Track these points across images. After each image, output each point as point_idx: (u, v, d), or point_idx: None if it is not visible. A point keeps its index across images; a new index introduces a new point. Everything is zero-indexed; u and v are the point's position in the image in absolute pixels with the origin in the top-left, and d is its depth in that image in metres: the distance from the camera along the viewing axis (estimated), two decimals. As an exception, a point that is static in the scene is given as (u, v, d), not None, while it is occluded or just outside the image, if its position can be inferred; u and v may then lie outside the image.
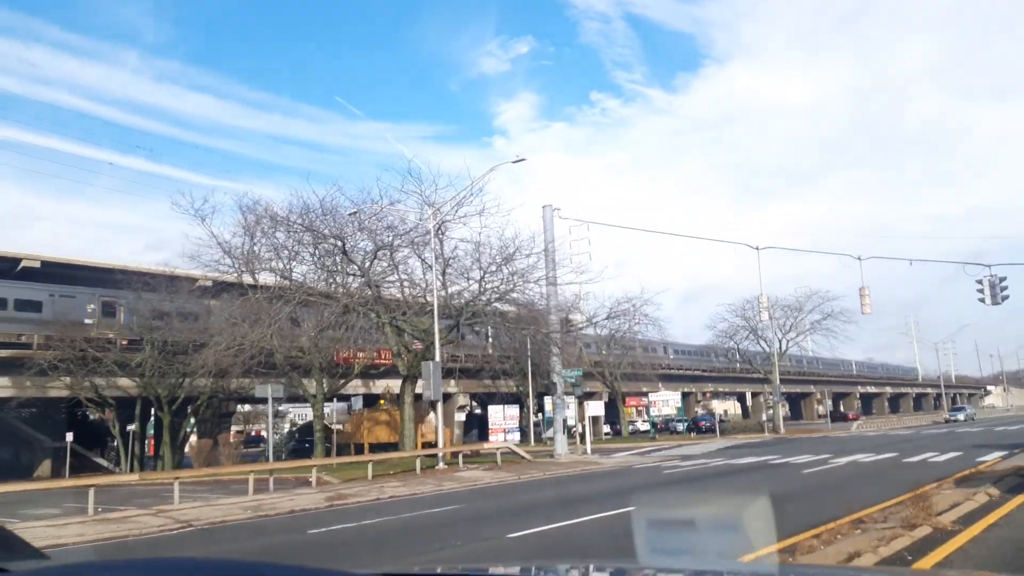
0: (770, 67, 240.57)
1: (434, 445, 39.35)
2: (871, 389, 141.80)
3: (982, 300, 36.77)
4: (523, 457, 34.79)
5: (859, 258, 36.54)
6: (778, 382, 62.39)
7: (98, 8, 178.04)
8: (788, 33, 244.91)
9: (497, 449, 35.18)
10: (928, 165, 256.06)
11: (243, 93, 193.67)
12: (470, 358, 70.92)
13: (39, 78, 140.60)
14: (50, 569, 1.82)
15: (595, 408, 66.17)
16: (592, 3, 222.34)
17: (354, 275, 32.90)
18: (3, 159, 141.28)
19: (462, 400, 72.90)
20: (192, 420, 52.02)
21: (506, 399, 68.57)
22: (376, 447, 45.37)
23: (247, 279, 36.17)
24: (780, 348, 65.74)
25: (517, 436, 67.42)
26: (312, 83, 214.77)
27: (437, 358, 31.91)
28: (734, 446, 46.76)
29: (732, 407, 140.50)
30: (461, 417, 74.48)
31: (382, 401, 59.88)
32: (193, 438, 56.76)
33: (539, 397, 67.62)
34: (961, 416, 69.30)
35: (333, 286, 32.89)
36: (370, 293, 33.22)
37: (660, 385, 68.60)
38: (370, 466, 29.97)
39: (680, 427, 68.75)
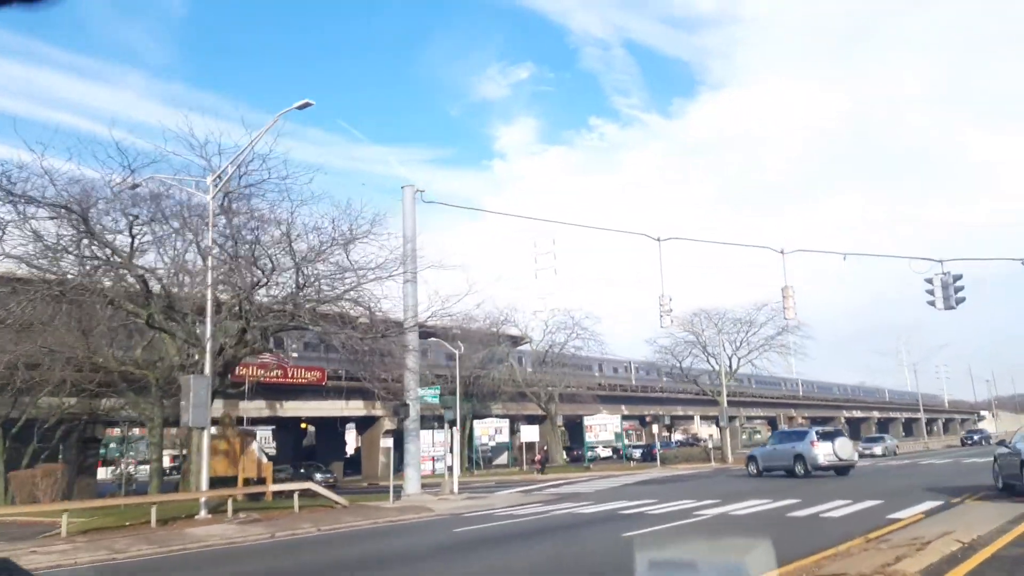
0: (764, 93, 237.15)
1: (258, 482, 31.17)
2: (856, 413, 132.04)
3: (932, 303, 28.35)
4: (335, 502, 26.30)
5: (782, 252, 28.36)
6: (726, 404, 53.58)
7: (102, 30, 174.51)
8: (782, 60, 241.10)
9: (295, 490, 26.67)
10: (922, 186, 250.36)
11: (247, 115, 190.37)
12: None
13: (46, 99, 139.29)
14: None
15: (529, 433, 57.93)
16: (592, 30, 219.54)
17: (108, 261, 24.69)
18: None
19: (388, 424, 64.42)
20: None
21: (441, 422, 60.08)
22: (215, 481, 36.71)
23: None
24: (730, 366, 57.16)
25: (446, 465, 59.05)
26: (317, 107, 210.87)
27: (207, 370, 23.58)
28: (651, 480, 38.32)
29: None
30: (388, 443, 65.94)
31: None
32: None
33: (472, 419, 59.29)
34: (877, 449, 55.62)
35: (88, 275, 24.66)
36: (136, 286, 25.01)
37: (601, 407, 60.03)
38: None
39: (636, 453, 60.12)
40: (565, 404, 62.25)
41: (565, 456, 58.71)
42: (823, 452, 32.03)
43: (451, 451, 35.33)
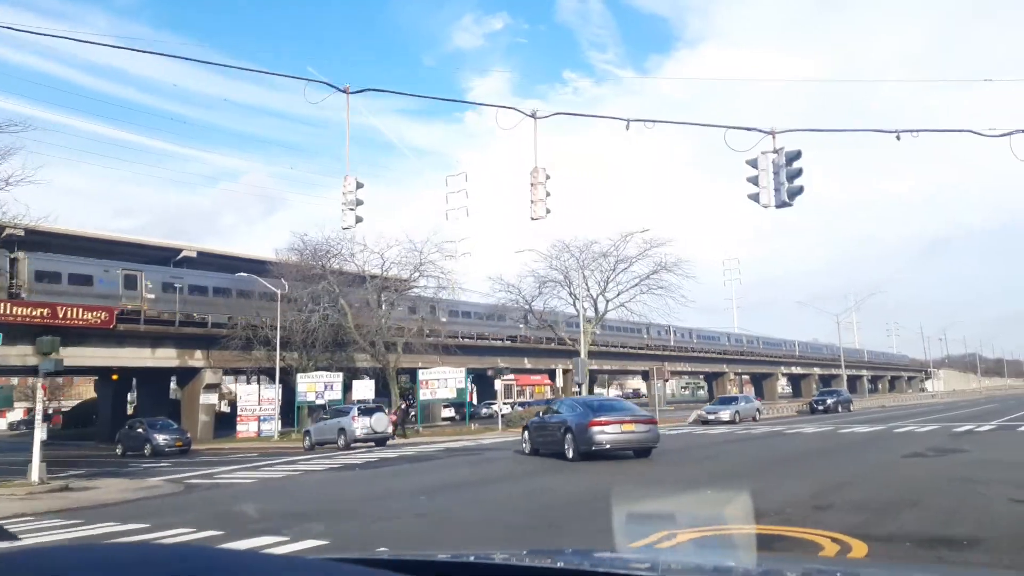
0: (742, 52, 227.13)
1: None
2: (796, 370, 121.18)
3: (755, 198, 15.55)
4: None
5: (534, 115, 15.71)
6: (585, 355, 41.31)
7: None
8: (762, 19, 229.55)
9: None
10: (894, 149, 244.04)
11: (215, 60, 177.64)
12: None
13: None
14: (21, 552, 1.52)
15: (362, 389, 45.53)
16: None
17: None
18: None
19: (211, 377, 51.71)
20: None
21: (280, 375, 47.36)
22: None
23: None
24: (597, 310, 44.85)
25: (275, 427, 46.67)
26: (286, 53, 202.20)
27: None
28: (415, 457, 26.11)
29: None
30: (212, 400, 53.30)
31: None
32: None
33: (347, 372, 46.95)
34: (725, 414, 40.85)
35: None
36: None
37: (440, 360, 47.62)
38: None
39: (484, 412, 48.25)
40: (413, 357, 49.77)
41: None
42: (360, 426, 31.36)
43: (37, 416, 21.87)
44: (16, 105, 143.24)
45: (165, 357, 49.48)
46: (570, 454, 19.90)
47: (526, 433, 23.29)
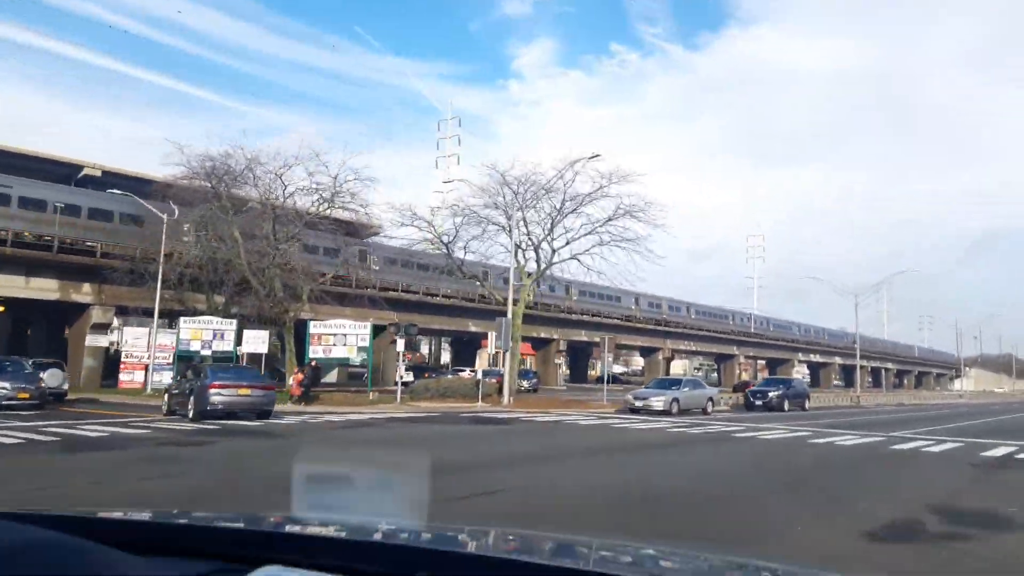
0: (794, 34, 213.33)
1: None
2: (815, 358, 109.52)
3: None
4: None
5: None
6: (510, 317, 31.21)
7: None
8: (818, 3, 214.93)
9: None
10: (945, 146, 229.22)
11: (263, 15, 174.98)
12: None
13: None
14: None
15: (254, 341, 36.69)
16: None
17: None
18: (32, 66, 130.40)
19: (99, 316, 43.19)
20: None
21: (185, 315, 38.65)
22: None
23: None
24: (539, 261, 34.46)
25: (167, 378, 38.03)
26: (334, 13, 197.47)
27: None
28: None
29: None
30: (101, 342, 44.82)
31: None
32: None
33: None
34: (657, 402, 29.22)
35: None
36: None
37: (347, 310, 38.24)
38: None
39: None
40: (324, 307, 40.51)
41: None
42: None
43: None
44: (89, 55, 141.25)
45: (42, 288, 41.02)
46: (190, 413, 20.46)
47: (166, 396, 22.44)
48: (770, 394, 35.91)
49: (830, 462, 14.67)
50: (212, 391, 20.37)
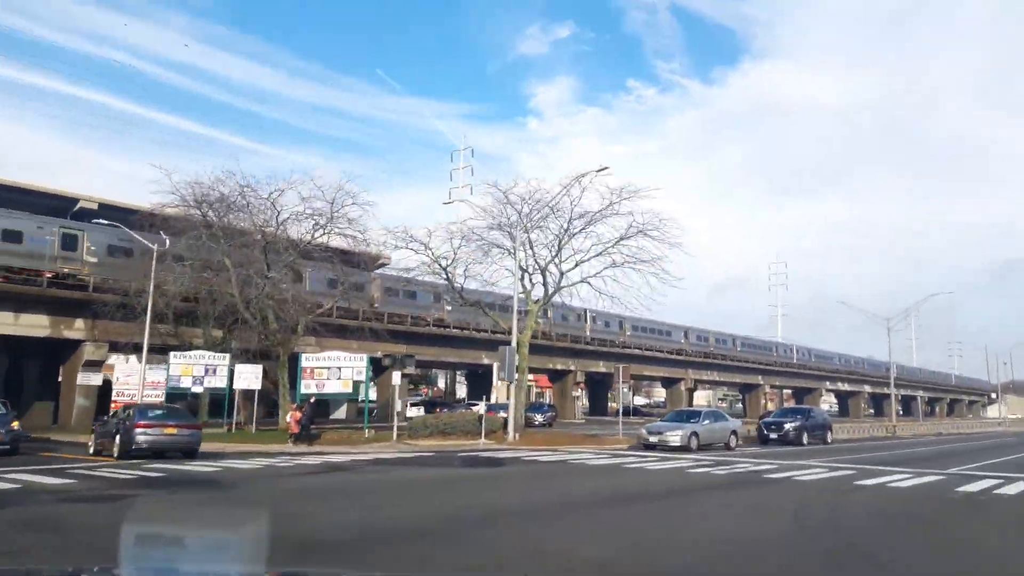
0: (807, 67, 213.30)
1: None
2: (843, 387, 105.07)
3: None
4: None
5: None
6: (514, 345, 28.29)
7: None
8: (827, 35, 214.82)
9: None
10: (960, 175, 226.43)
11: (286, 61, 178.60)
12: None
13: (86, 32, 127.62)
14: None
15: (246, 377, 34.25)
16: None
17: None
18: (53, 110, 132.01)
19: (92, 352, 40.97)
20: None
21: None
22: None
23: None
24: (547, 286, 31.40)
25: None
26: (355, 56, 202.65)
27: None
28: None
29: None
30: (93, 380, 42.48)
31: None
32: None
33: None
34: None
35: None
36: None
37: (349, 341, 35.51)
38: None
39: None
40: (328, 341, 37.96)
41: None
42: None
43: None
44: (107, 98, 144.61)
45: (32, 325, 38.94)
46: (115, 453, 19.94)
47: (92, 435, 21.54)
48: (786, 426, 31.78)
49: (894, 516, 11.63)
50: (138, 430, 19.95)
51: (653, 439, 26.57)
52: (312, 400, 29.59)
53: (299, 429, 27.35)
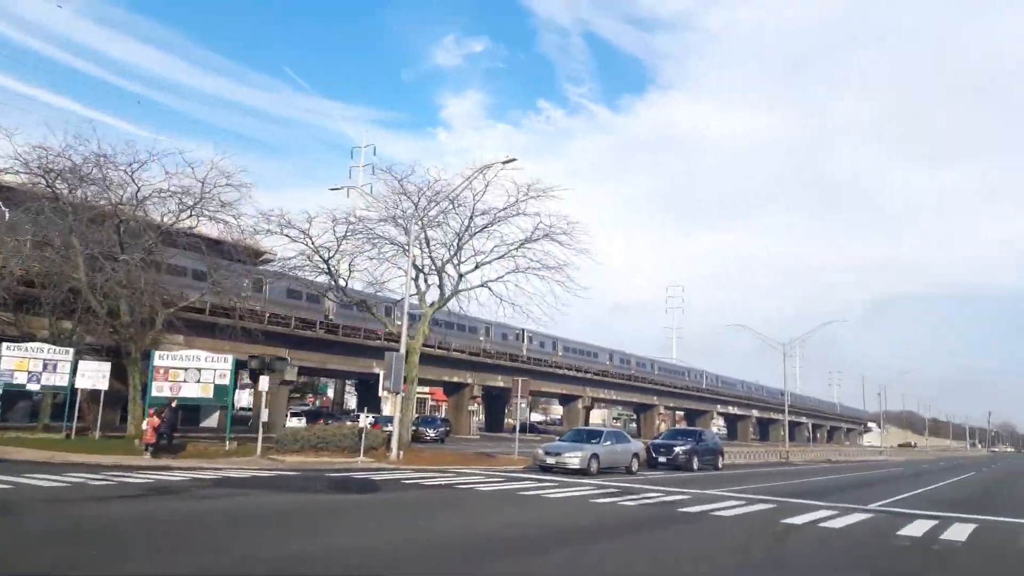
0: (712, 103, 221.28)
1: None
2: (732, 410, 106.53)
3: None
4: None
5: None
6: (402, 354, 24.96)
7: None
8: (733, 74, 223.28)
9: None
10: (850, 215, 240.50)
11: (188, 49, 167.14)
12: None
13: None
14: None
15: (91, 375, 29.33)
16: (555, 16, 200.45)
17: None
18: None
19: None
20: None
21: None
22: None
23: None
24: (443, 287, 28.28)
25: None
26: (263, 50, 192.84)
27: None
28: None
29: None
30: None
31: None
32: None
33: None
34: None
35: None
36: None
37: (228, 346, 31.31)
38: None
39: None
40: (198, 340, 33.56)
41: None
42: None
43: None
44: None
45: None
46: None
47: None
48: (676, 449, 29.14)
49: (854, 570, 9.11)
50: None
51: (550, 460, 23.80)
52: (174, 405, 25.16)
53: (156, 438, 23.06)
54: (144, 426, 23.82)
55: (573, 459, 23.29)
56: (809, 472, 34.38)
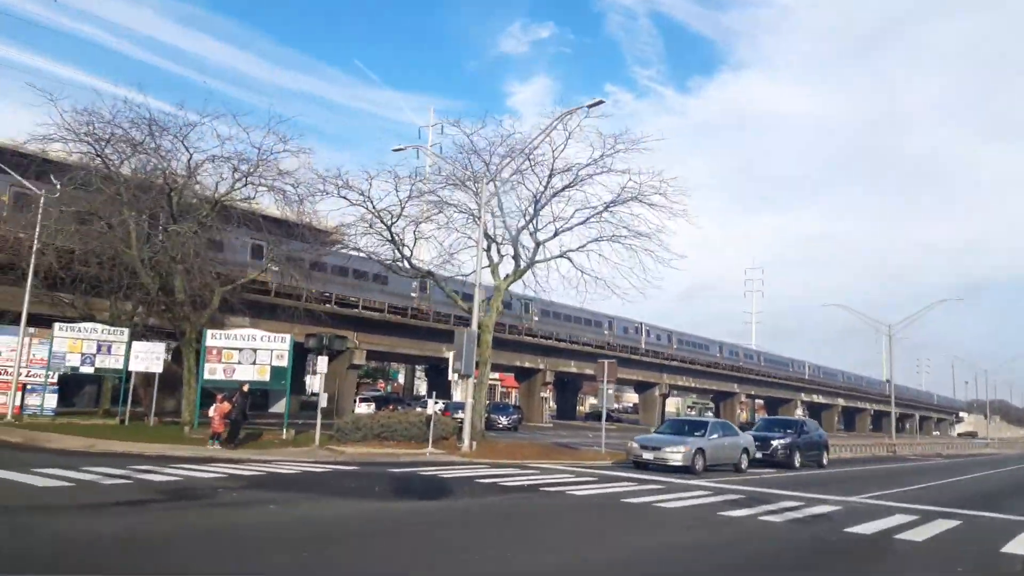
0: (784, 82, 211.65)
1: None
2: (817, 398, 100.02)
3: None
4: None
5: None
6: (475, 329, 21.70)
7: None
8: (805, 52, 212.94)
9: None
10: (928, 193, 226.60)
11: (262, 44, 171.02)
12: None
13: (61, 6, 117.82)
14: None
15: (145, 356, 27.30)
16: None
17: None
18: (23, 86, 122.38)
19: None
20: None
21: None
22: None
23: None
24: (518, 257, 24.81)
25: (45, 401, 28.48)
26: (333, 44, 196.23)
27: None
28: None
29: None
30: None
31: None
32: None
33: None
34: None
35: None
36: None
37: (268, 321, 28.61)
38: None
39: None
40: (263, 322, 31.15)
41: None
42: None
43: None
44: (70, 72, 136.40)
45: None
46: None
47: None
48: (774, 442, 24.45)
49: None
50: None
51: (647, 456, 20.09)
52: (245, 389, 22.02)
53: (224, 427, 20.27)
54: (211, 413, 20.99)
55: (675, 454, 19.54)
56: (934, 470, 29.63)
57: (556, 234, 24.53)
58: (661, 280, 24.82)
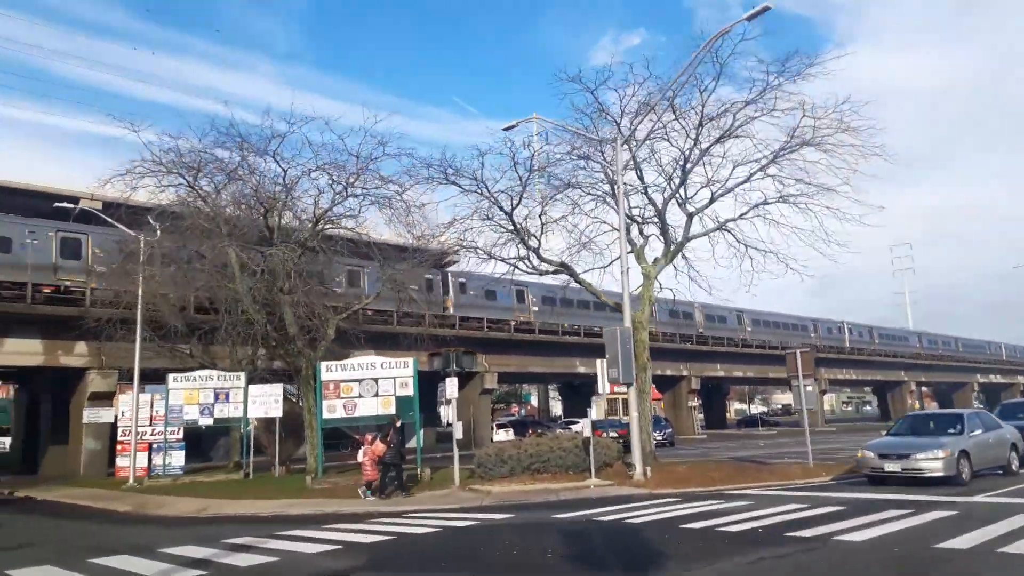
0: (893, 51, 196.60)
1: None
2: (995, 378, 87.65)
3: None
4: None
5: None
6: (629, 325, 17.02)
7: (235, 22, 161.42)
8: (912, 16, 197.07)
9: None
10: None
11: (364, 94, 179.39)
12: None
13: (187, 87, 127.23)
14: None
15: (263, 401, 24.60)
16: None
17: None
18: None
19: (99, 383, 31.98)
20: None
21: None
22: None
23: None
24: (668, 233, 20.05)
25: (174, 459, 26.46)
26: (431, 83, 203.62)
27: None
28: None
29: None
30: (102, 417, 33.16)
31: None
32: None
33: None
34: None
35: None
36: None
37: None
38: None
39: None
40: (379, 352, 27.79)
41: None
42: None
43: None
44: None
45: (22, 351, 30.47)
46: None
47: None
48: None
49: None
50: None
51: (891, 466, 14.70)
52: (399, 424, 17.71)
53: (378, 474, 16.23)
54: (361, 457, 17.13)
55: (933, 462, 14.10)
56: None
57: (712, 200, 19.54)
58: (848, 243, 19.14)
